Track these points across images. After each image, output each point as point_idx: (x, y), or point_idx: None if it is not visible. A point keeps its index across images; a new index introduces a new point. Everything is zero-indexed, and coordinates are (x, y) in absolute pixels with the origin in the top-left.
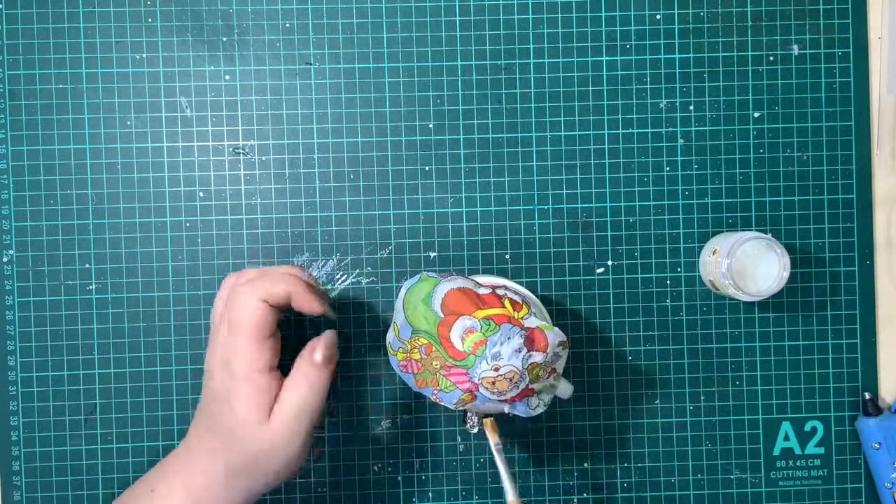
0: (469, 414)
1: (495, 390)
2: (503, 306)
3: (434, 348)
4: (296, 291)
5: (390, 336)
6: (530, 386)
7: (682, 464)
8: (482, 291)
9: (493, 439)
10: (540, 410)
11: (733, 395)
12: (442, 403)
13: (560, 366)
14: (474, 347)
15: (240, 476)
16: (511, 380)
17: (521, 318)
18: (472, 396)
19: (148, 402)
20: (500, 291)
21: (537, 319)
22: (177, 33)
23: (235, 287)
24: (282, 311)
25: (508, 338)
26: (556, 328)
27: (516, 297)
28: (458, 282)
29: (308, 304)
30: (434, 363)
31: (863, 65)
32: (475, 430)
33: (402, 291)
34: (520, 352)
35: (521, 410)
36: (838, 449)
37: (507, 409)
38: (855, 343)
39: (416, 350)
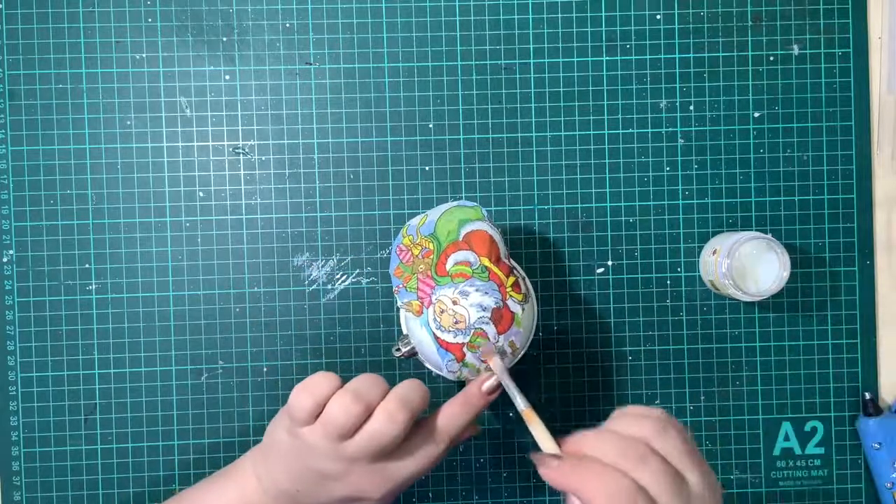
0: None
1: (437, 318)
2: (507, 277)
3: (431, 256)
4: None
5: (414, 221)
6: (464, 350)
7: None
8: (505, 260)
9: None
10: (448, 375)
11: (733, 395)
12: (397, 296)
13: (495, 365)
14: (456, 274)
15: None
16: (456, 322)
17: (511, 296)
18: (419, 309)
19: (148, 402)
20: (517, 274)
21: (522, 312)
22: (177, 33)
23: (391, 414)
24: None
25: (486, 292)
26: (520, 331)
27: (526, 291)
28: (496, 235)
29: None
30: (421, 266)
31: (863, 65)
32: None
33: (458, 202)
34: (483, 309)
35: (442, 357)
36: (838, 449)
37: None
38: (855, 343)
39: (419, 247)
